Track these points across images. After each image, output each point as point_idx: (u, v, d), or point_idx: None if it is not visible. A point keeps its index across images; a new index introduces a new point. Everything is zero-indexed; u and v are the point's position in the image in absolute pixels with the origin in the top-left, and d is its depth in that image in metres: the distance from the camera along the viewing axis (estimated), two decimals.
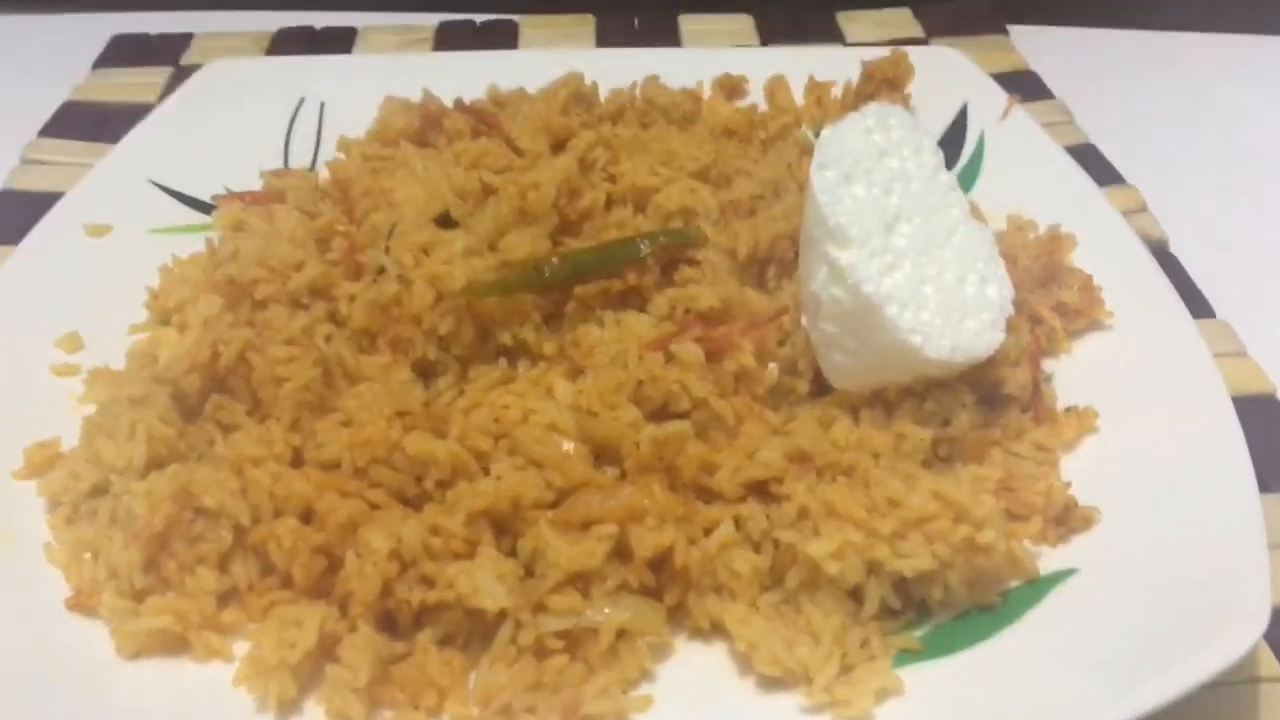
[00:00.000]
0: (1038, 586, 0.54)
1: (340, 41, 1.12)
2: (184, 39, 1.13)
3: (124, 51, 1.11)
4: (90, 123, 0.98)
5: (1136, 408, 0.63)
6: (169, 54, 1.10)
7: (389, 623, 0.52)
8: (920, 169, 0.62)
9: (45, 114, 1.01)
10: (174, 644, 0.52)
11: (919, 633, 0.52)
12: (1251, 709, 0.53)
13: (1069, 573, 0.54)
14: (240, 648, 0.52)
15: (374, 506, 0.54)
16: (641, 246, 0.64)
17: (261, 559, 0.54)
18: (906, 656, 0.51)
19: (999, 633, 0.52)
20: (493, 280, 0.61)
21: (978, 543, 0.51)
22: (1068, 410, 0.62)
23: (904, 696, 0.49)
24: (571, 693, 0.49)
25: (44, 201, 0.87)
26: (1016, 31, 1.13)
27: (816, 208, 0.58)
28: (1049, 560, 0.55)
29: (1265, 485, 0.57)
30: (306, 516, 0.54)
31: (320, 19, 1.17)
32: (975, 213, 0.70)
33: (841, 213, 0.57)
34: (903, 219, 0.59)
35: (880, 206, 0.59)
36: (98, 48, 1.12)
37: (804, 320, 0.61)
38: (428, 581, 0.52)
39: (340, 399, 0.58)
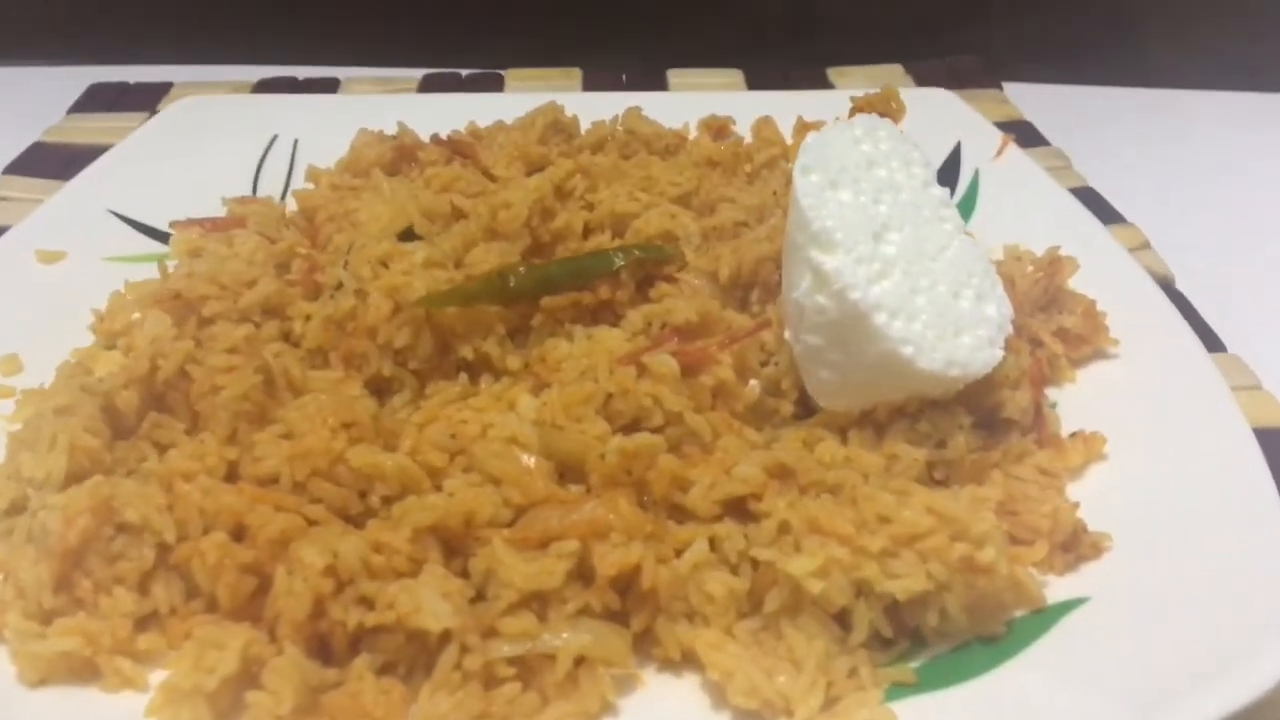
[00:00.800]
0: (1045, 616, 0.49)
1: (324, 89, 1.10)
2: (163, 87, 1.11)
3: (101, 98, 1.09)
4: (59, 162, 0.95)
5: (1149, 436, 0.58)
6: (146, 100, 1.08)
7: (322, 648, 0.46)
8: (910, 180, 0.59)
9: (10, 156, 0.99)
10: (83, 671, 0.47)
11: (914, 664, 0.47)
12: None
13: (1079, 601, 0.49)
14: (157, 677, 0.47)
15: (312, 523, 0.49)
16: (615, 259, 0.60)
17: (186, 580, 0.49)
18: (899, 690, 0.46)
19: (1002, 664, 0.47)
20: (453, 290, 0.57)
21: (977, 562, 0.46)
22: (1073, 436, 0.58)
23: None
24: None
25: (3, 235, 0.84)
26: (1010, 88, 1.12)
27: (800, 211, 0.54)
28: (1057, 589, 0.50)
29: None
30: (238, 534, 0.49)
31: (303, 72, 1.15)
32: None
33: (826, 216, 0.54)
34: (892, 228, 0.56)
35: (868, 214, 0.55)
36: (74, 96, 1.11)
37: (787, 334, 0.57)
38: (366, 602, 0.46)
39: (274, 410, 0.54)
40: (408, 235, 0.64)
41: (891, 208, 0.57)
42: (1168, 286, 0.78)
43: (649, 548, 0.48)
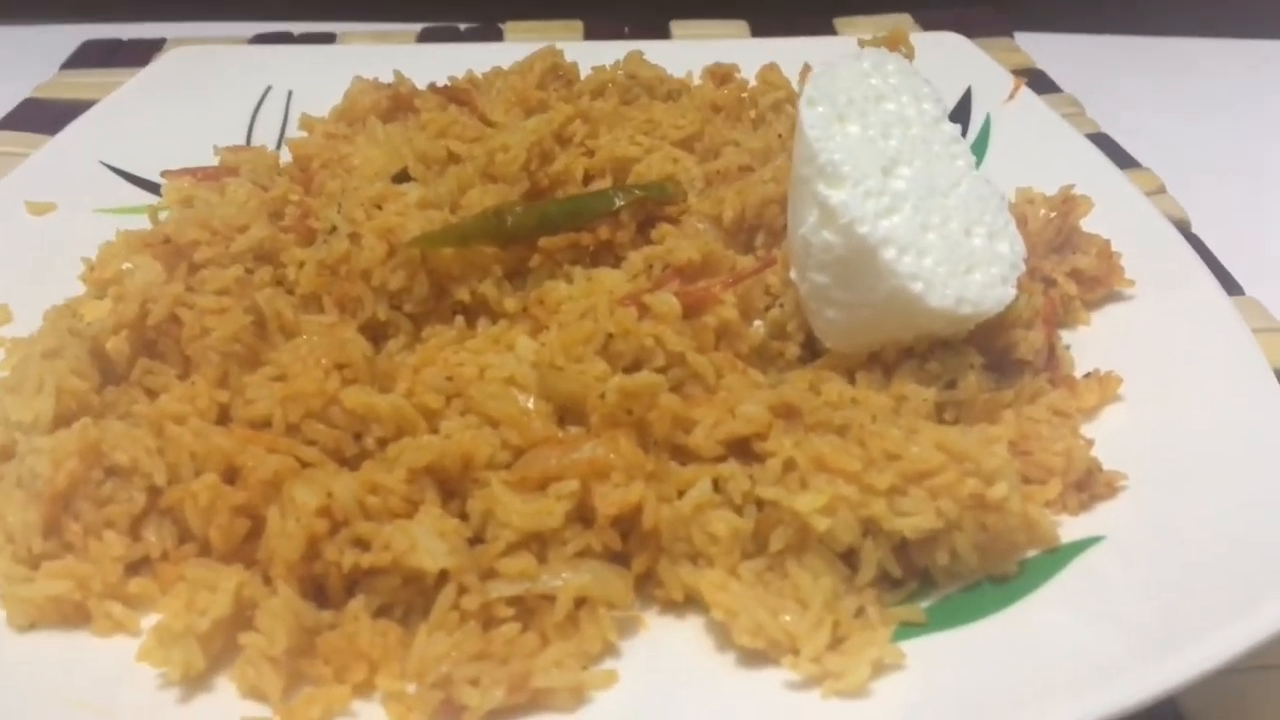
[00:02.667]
0: (1059, 555, 0.47)
1: (321, 44, 1.08)
2: (156, 43, 1.09)
3: (94, 55, 1.07)
4: (51, 117, 0.93)
5: (1166, 377, 0.57)
6: (140, 56, 1.06)
7: (317, 590, 0.45)
8: (920, 116, 0.57)
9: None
10: (73, 615, 0.46)
11: (923, 604, 0.46)
12: None
13: (1094, 540, 0.48)
14: (149, 622, 0.46)
15: (305, 465, 0.48)
16: (615, 198, 0.59)
17: (178, 524, 0.48)
18: (908, 630, 0.45)
19: (1014, 604, 0.45)
20: (448, 229, 0.56)
21: (989, 499, 0.45)
22: (1088, 376, 0.56)
23: (905, 670, 0.42)
24: (522, 664, 0.42)
25: None
26: (1021, 38, 1.10)
27: (806, 144, 0.53)
28: (1071, 529, 0.49)
29: None
30: (230, 476, 0.47)
31: (299, 27, 1.13)
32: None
33: (834, 149, 0.52)
34: (902, 162, 0.54)
35: (877, 148, 0.54)
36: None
37: (792, 274, 0.55)
38: (362, 544, 0.45)
39: (265, 352, 0.52)
40: (401, 177, 0.62)
41: (901, 142, 0.55)
42: (1184, 230, 0.76)
43: (650, 487, 0.47)
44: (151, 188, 0.76)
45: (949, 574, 0.46)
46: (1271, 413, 0.52)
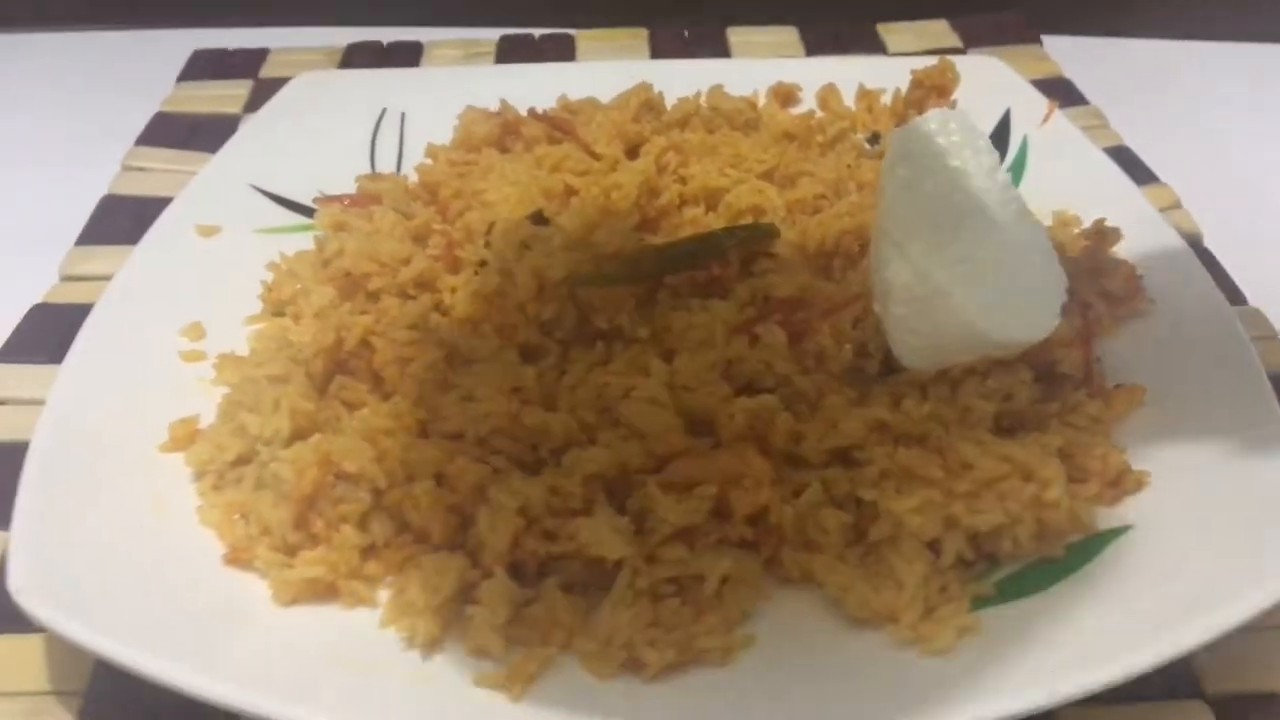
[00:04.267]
0: (1097, 541, 0.59)
1: (408, 54, 1.19)
2: (260, 54, 1.19)
3: (204, 66, 1.17)
4: (182, 132, 1.05)
5: (1180, 384, 0.68)
6: (248, 68, 1.16)
7: (516, 573, 0.58)
8: (979, 168, 0.68)
9: (132, 124, 1.08)
10: (324, 592, 0.58)
11: (989, 581, 0.58)
12: None
13: (1124, 529, 0.60)
14: (381, 597, 0.58)
15: (496, 471, 0.60)
16: (725, 240, 0.70)
17: (396, 519, 0.60)
18: (980, 601, 0.57)
19: (1062, 580, 0.57)
20: (593, 274, 0.67)
21: (1045, 500, 0.57)
22: (1117, 387, 0.68)
23: (980, 634, 0.55)
24: (685, 631, 0.55)
25: (147, 204, 0.94)
26: (1048, 41, 1.20)
27: (889, 201, 0.64)
28: (1106, 518, 0.61)
29: None
30: (439, 480, 0.60)
31: (386, 34, 1.23)
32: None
33: (913, 206, 0.63)
34: (966, 214, 0.65)
35: (947, 202, 0.65)
36: (174, 62, 1.19)
37: (876, 306, 0.67)
38: (550, 536, 0.58)
39: (458, 377, 0.64)
40: (538, 219, 0.74)
41: (965, 194, 0.66)
42: (1196, 244, 0.88)
43: (775, 491, 0.59)
44: (297, 208, 0.88)
45: (1010, 557, 0.59)
46: (1265, 414, 0.64)
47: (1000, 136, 0.92)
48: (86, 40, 1.28)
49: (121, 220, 0.92)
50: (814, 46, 1.18)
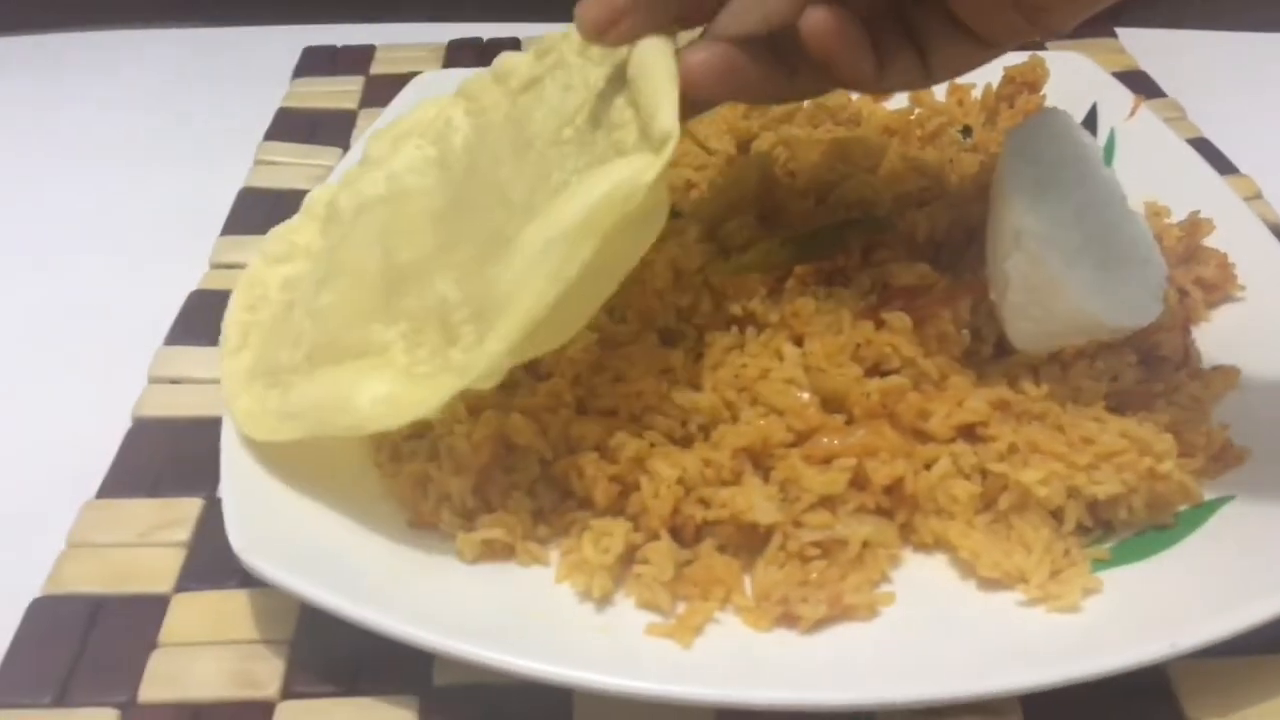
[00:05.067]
0: (1203, 509, 0.65)
1: (508, 49, 1.24)
2: (368, 51, 1.26)
3: (316, 62, 1.24)
4: (305, 127, 1.12)
5: (1270, 365, 0.74)
6: (358, 64, 1.23)
7: (674, 536, 0.64)
8: (1089, 166, 0.73)
9: (250, 118, 1.15)
10: (502, 552, 0.65)
11: (1106, 546, 0.64)
12: None
13: (1228, 499, 0.65)
14: (551, 556, 0.65)
15: (652, 445, 0.66)
16: (848, 233, 0.76)
17: (560, 488, 0.67)
18: (1098, 564, 0.63)
19: (1174, 546, 0.63)
20: (729, 264, 0.73)
21: (1158, 472, 0.63)
22: (1213, 369, 0.74)
23: (1103, 594, 0.61)
24: (834, 588, 0.61)
25: (282, 196, 1.01)
26: (1124, 34, 1.24)
27: (1007, 195, 0.69)
28: (1210, 489, 0.66)
29: None
30: (599, 451, 0.66)
31: (484, 29, 1.29)
32: None
33: (1033, 201, 0.69)
34: (1079, 209, 0.70)
35: (1062, 197, 0.70)
36: (278, 57, 1.26)
37: (992, 294, 0.72)
38: (705, 502, 0.64)
39: (607, 360, 0.70)
40: (671, 212, 0.79)
41: (1077, 191, 0.72)
42: (1279, 232, 0.92)
43: (908, 463, 0.65)
44: None
45: (1125, 524, 0.64)
46: None
47: (1088, 130, 0.97)
48: (192, 37, 1.35)
49: (261, 211, 0.99)
50: None
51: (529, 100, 0.75)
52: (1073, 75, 1.01)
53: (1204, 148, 1.01)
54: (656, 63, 0.61)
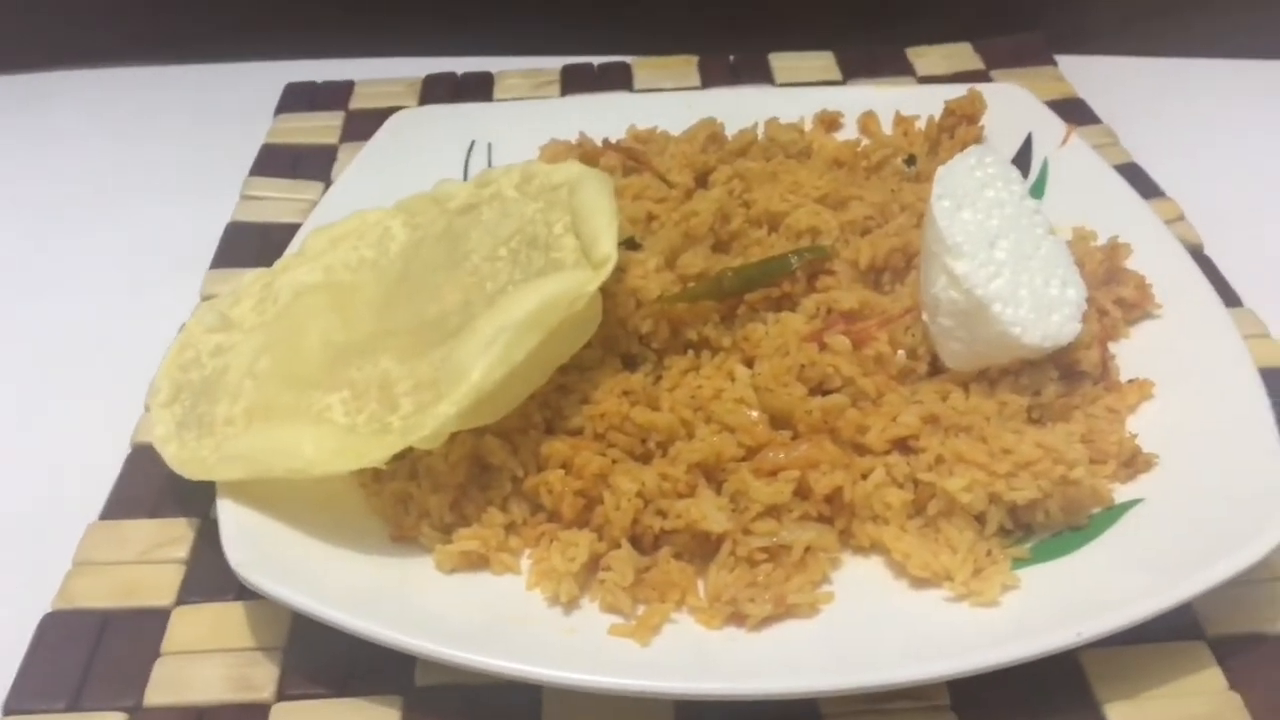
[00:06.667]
0: (1114, 512, 0.71)
1: (481, 84, 1.31)
2: (347, 86, 1.31)
3: (298, 99, 1.29)
4: (288, 162, 1.17)
5: (1182, 378, 0.80)
6: (338, 100, 1.29)
7: (634, 545, 0.70)
8: (1011, 196, 0.80)
9: (235, 152, 1.20)
10: (477, 562, 0.71)
11: (1026, 546, 0.70)
12: (1275, 600, 0.71)
13: (1137, 501, 0.72)
14: (523, 565, 0.71)
15: (614, 461, 0.72)
16: (793, 262, 0.82)
17: (531, 501, 0.73)
18: (1018, 563, 0.69)
19: (1087, 545, 0.69)
20: (683, 291, 0.80)
21: (1070, 478, 0.69)
22: (1130, 382, 0.80)
23: (1020, 590, 0.67)
24: (778, 589, 0.67)
25: (269, 229, 1.06)
26: (1065, 60, 1.31)
27: (937, 229, 0.76)
28: (1120, 493, 0.73)
29: None
30: (565, 469, 0.72)
31: (458, 63, 1.35)
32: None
33: (957, 233, 0.75)
34: (1001, 237, 0.77)
35: (984, 228, 0.77)
36: (265, 92, 1.32)
37: (925, 316, 0.79)
38: (662, 513, 0.70)
39: (573, 383, 0.77)
40: (631, 244, 0.86)
41: (1000, 220, 0.78)
42: (1197, 252, 0.99)
43: (847, 474, 0.71)
44: None
45: (1042, 526, 0.71)
46: (1254, 403, 0.75)
47: (1023, 158, 1.04)
48: (177, 74, 1.41)
49: (248, 245, 1.05)
50: (850, 70, 1.30)
51: (465, 222, 0.85)
52: (1009, 106, 1.08)
53: (1132, 173, 1.08)
54: (598, 202, 0.77)
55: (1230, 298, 0.94)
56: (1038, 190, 1.01)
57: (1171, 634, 0.68)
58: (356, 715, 0.66)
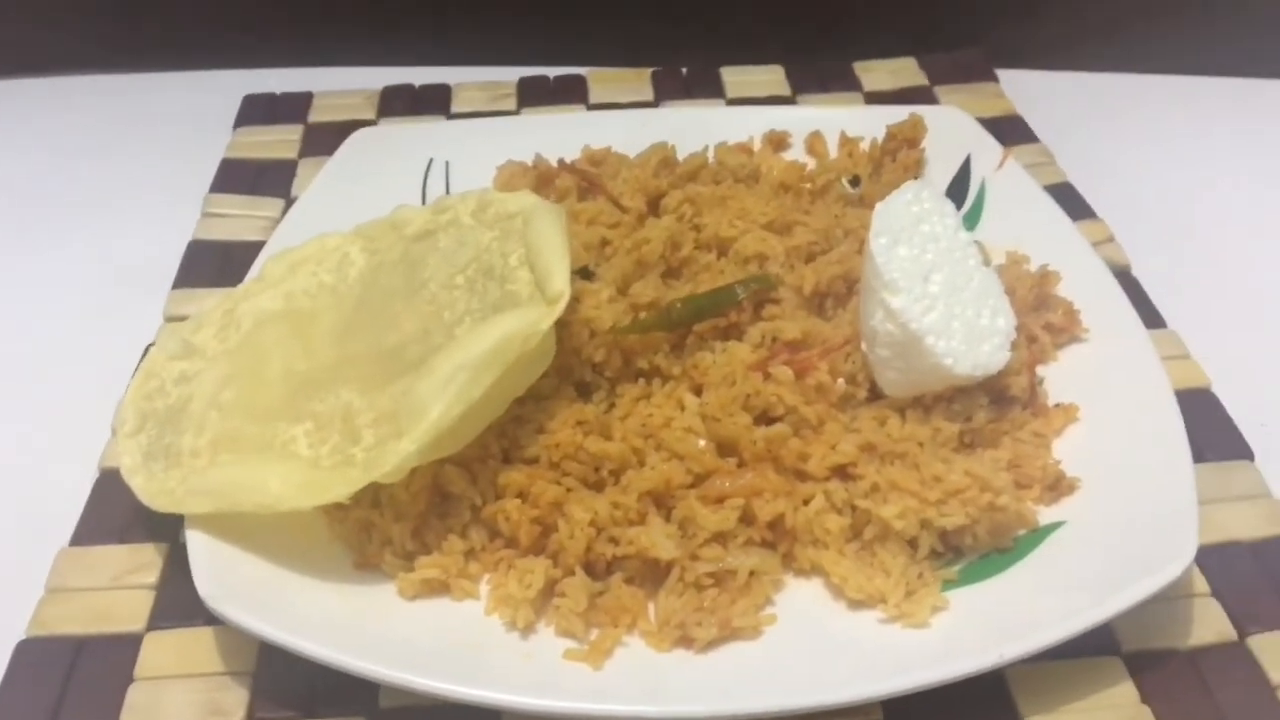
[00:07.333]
0: (1038, 534, 0.76)
1: (439, 96, 1.32)
2: (305, 98, 1.32)
3: (256, 111, 1.31)
4: (249, 177, 1.19)
5: (1106, 402, 0.85)
6: (296, 113, 1.30)
7: (588, 570, 0.74)
8: (945, 230, 0.84)
9: (192, 164, 1.22)
10: (438, 589, 0.74)
11: (955, 568, 0.75)
12: (1188, 617, 0.76)
13: (1060, 524, 0.76)
14: (481, 590, 0.75)
15: (568, 490, 0.76)
16: (739, 292, 0.86)
17: (489, 529, 0.76)
18: (947, 585, 0.73)
19: (1012, 567, 0.74)
20: (634, 323, 0.83)
21: (996, 504, 0.74)
22: (1056, 406, 0.85)
23: (949, 611, 0.72)
24: (723, 613, 0.71)
25: (231, 248, 1.08)
26: (1005, 76, 1.35)
27: (874, 266, 0.80)
28: (1045, 516, 0.77)
29: (1199, 456, 0.80)
30: (522, 497, 0.76)
31: (415, 74, 1.37)
32: (981, 251, 0.92)
33: (893, 269, 0.79)
34: (935, 271, 0.81)
35: (919, 262, 0.81)
36: (222, 100, 1.32)
37: (864, 346, 0.83)
38: (614, 540, 0.74)
39: (529, 413, 0.80)
40: (584, 274, 0.89)
41: (934, 254, 0.82)
42: (1125, 274, 1.04)
43: (789, 501, 0.75)
44: None
45: (970, 549, 0.75)
46: (1170, 427, 0.80)
47: (962, 180, 1.08)
48: (129, 83, 1.41)
49: (210, 264, 1.07)
50: (799, 84, 1.34)
51: (423, 249, 0.88)
52: (949, 129, 1.12)
53: (1066, 193, 1.12)
54: (551, 238, 0.80)
55: (1154, 319, 0.99)
56: (975, 212, 1.05)
57: (1090, 650, 0.73)
58: None
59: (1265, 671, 0.72)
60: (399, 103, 1.32)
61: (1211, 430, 0.88)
